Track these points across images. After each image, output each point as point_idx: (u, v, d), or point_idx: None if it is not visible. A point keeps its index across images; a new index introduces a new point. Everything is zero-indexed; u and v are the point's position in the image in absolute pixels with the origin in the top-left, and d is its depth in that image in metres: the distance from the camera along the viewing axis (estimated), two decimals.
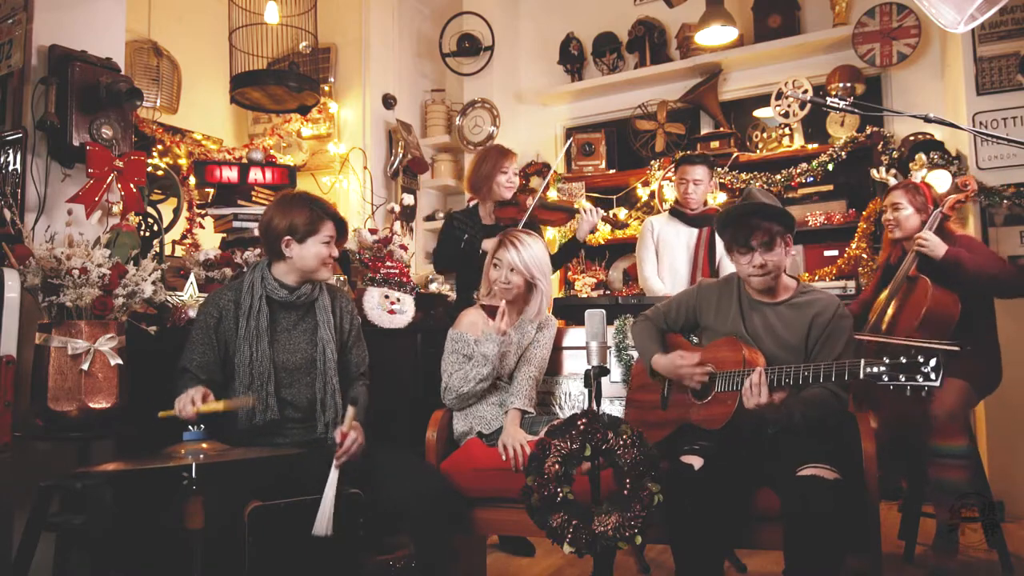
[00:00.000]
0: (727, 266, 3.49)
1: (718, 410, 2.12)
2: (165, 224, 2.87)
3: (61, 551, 2.07)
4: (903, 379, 1.77)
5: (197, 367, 2.12)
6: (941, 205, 2.84)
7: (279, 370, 2.19)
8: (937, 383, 1.74)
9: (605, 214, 3.44)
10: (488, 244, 3.01)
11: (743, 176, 4.34)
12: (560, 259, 4.00)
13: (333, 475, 1.96)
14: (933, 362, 1.75)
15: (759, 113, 4.73)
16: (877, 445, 2.03)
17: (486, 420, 2.42)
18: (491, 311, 2.42)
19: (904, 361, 1.78)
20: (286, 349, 2.22)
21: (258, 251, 2.89)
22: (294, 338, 2.24)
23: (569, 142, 4.44)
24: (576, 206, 3.52)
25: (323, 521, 1.90)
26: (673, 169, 4.14)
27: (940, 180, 3.56)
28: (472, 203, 3.44)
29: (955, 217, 2.92)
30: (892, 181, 3.43)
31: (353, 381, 2.35)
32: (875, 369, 1.82)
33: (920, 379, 1.75)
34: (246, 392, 2.12)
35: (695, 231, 3.59)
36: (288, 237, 2.16)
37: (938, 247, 2.69)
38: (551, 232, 4.66)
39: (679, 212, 3.65)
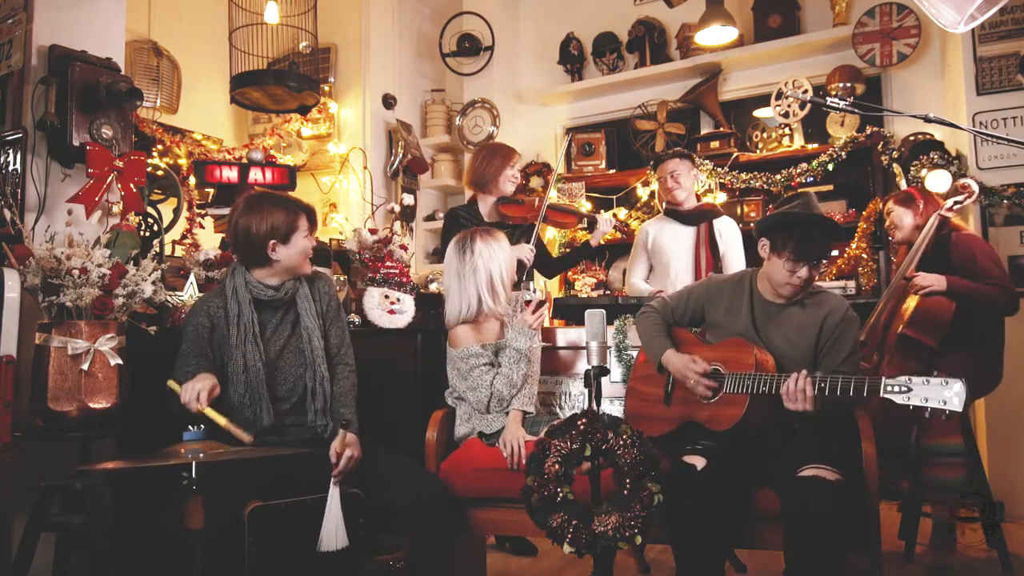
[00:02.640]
0: (732, 263, 3.42)
1: (727, 411, 2.09)
2: (165, 224, 2.87)
3: (61, 551, 2.07)
4: (925, 402, 1.76)
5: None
6: (940, 208, 2.87)
7: (271, 369, 2.19)
8: (959, 409, 1.73)
9: (618, 223, 3.43)
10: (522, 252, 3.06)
11: (743, 176, 4.34)
12: (569, 263, 4.00)
13: (334, 492, 1.96)
14: (957, 387, 1.73)
15: (759, 113, 4.73)
16: (876, 444, 2.03)
17: (487, 420, 2.42)
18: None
19: (928, 383, 1.76)
20: (275, 347, 2.22)
21: None
22: (281, 334, 2.24)
23: (568, 140, 4.35)
24: (591, 212, 3.49)
25: (331, 536, 1.90)
26: (651, 170, 4.13)
27: (940, 180, 3.55)
28: (470, 199, 3.41)
29: (954, 217, 2.93)
30: (903, 184, 3.52)
31: (336, 365, 2.31)
32: (897, 389, 1.81)
33: (943, 404, 1.74)
34: (242, 399, 2.12)
35: (693, 230, 3.44)
36: (273, 240, 2.16)
37: (938, 283, 2.73)
38: (551, 232, 4.66)
39: (673, 212, 3.52)
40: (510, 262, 2.53)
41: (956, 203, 2.88)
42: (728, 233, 3.46)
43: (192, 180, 3.45)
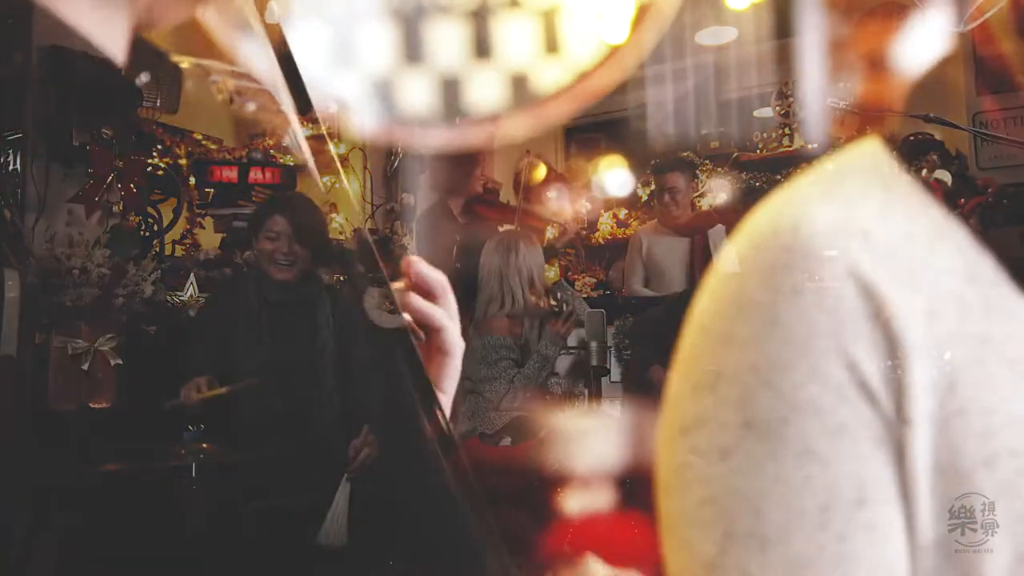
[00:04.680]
0: None
1: None
2: (165, 224, 2.87)
3: (61, 551, 2.06)
4: None
5: (208, 366, 2.11)
6: (961, 207, 2.82)
7: (276, 370, 2.18)
8: None
9: (579, 230, 3.44)
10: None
11: (743, 176, 4.34)
12: None
13: (344, 487, 1.96)
14: None
15: (759, 113, 4.72)
16: None
17: (489, 419, 2.42)
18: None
19: None
20: (284, 350, 2.21)
21: None
22: (293, 338, 2.24)
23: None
24: (561, 219, 3.52)
25: (335, 531, 1.90)
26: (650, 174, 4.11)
27: (940, 180, 3.55)
28: (438, 202, 3.35)
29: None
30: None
31: (356, 382, 2.34)
32: None
33: None
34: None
35: (687, 241, 3.40)
36: (252, 236, 2.22)
37: None
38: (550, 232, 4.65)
39: (668, 224, 3.50)
40: (543, 266, 2.59)
41: (979, 204, 2.87)
42: (722, 244, 3.42)
43: (192, 180, 3.44)
